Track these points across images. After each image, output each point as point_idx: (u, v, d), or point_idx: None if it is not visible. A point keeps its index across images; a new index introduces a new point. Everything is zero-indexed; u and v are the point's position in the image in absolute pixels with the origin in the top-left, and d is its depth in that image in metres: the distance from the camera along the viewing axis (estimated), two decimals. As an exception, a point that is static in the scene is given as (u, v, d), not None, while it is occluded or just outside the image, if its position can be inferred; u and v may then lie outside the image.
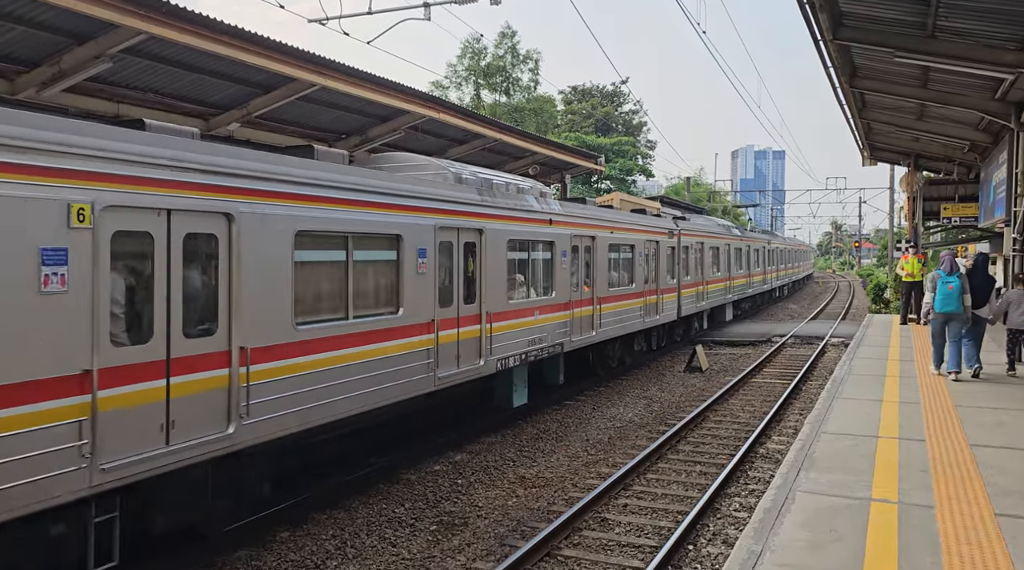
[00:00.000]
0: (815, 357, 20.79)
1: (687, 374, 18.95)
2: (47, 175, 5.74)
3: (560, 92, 64.06)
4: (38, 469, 5.58)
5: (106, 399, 6.05)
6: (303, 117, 14.42)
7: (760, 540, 5.55)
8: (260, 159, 7.72)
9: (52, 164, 5.78)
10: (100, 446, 5.99)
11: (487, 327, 11.57)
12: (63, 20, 9.38)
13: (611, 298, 16.40)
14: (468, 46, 46.96)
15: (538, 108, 48.56)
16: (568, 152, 22.98)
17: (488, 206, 11.94)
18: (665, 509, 9.13)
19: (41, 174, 5.70)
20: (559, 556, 7.75)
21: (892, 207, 42.90)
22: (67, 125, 6.00)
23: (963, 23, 10.48)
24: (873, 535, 5.58)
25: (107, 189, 6.13)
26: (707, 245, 25.17)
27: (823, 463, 7.43)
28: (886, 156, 25.53)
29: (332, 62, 12.13)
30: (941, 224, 25.24)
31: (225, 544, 7.84)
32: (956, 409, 9.76)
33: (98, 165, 6.09)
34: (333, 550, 7.93)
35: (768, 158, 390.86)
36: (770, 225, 71.37)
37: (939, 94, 14.24)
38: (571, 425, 13.47)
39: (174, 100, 12.45)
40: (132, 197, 6.28)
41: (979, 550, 5.31)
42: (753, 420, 13.75)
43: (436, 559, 7.70)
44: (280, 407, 7.68)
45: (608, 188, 50.92)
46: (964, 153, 20.49)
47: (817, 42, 11.63)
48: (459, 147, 18.86)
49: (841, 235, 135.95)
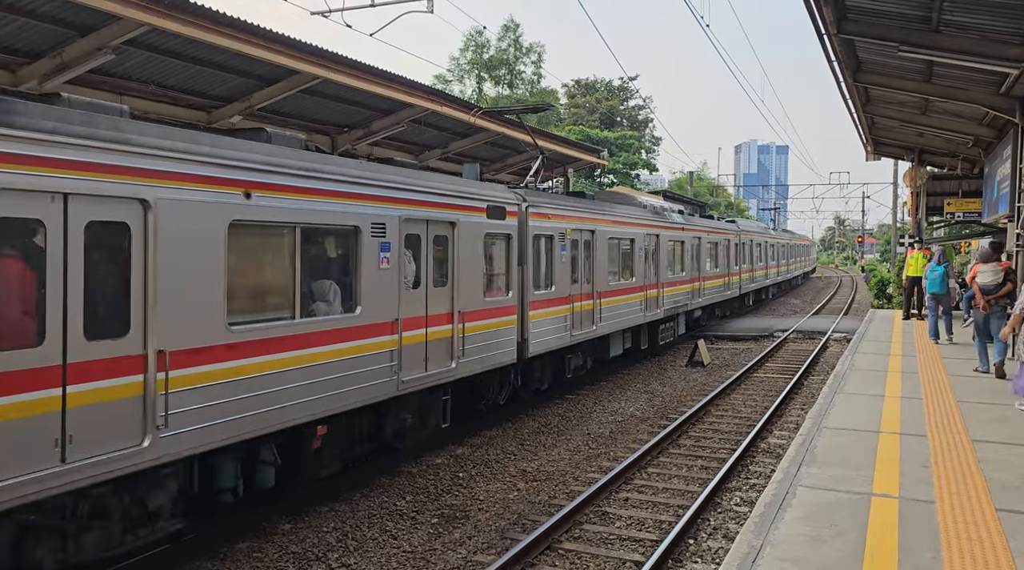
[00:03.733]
0: (817, 352, 20.78)
1: (689, 368, 18.95)
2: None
3: (564, 86, 63.98)
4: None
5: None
6: (305, 110, 14.42)
7: (761, 534, 5.55)
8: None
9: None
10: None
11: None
12: (65, 12, 9.38)
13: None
14: (471, 39, 46.92)
15: (542, 102, 48.47)
16: (572, 146, 22.98)
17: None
18: (666, 503, 9.14)
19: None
20: (560, 549, 7.76)
21: (896, 202, 42.83)
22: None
23: (968, 17, 10.43)
24: (874, 530, 5.58)
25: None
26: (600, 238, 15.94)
27: (824, 458, 7.44)
28: (890, 151, 25.47)
29: (334, 55, 12.12)
30: (944, 219, 25.14)
31: (227, 536, 7.87)
32: (958, 404, 9.75)
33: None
34: (334, 542, 7.95)
35: (771, 153, 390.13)
36: (772, 220, 70.35)
37: (943, 89, 14.17)
38: (572, 419, 13.48)
39: (176, 92, 12.45)
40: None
41: (980, 546, 5.31)
42: (754, 415, 13.75)
43: (437, 552, 7.72)
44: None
45: (611, 182, 50.85)
46: (968, 148, 20.41)
47: (821, 36, 11.58)
48: (462, 140, 18.86)
49: (844, 230, 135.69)
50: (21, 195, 5.46)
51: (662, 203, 21.81)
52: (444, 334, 10.50)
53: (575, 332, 14.52)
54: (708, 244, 24.56)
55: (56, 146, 5.68)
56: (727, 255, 27.44)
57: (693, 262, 22.57)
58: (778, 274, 40.80)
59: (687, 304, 22.01)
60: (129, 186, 6.17)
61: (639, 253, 17.93)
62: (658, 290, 19.20)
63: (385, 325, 9.26)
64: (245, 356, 7.21)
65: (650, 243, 18.77)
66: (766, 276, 36.77)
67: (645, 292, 18.28)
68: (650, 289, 18.65)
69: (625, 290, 17.09)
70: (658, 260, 19.26)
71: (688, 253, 22.07)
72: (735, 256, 28.71)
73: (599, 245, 15.58)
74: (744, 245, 30.51)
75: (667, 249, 20.02)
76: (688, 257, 22.08)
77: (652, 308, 18.82)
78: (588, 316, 15.13)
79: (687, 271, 21.93)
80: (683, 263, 21.62)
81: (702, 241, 23.66)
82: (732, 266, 28.12)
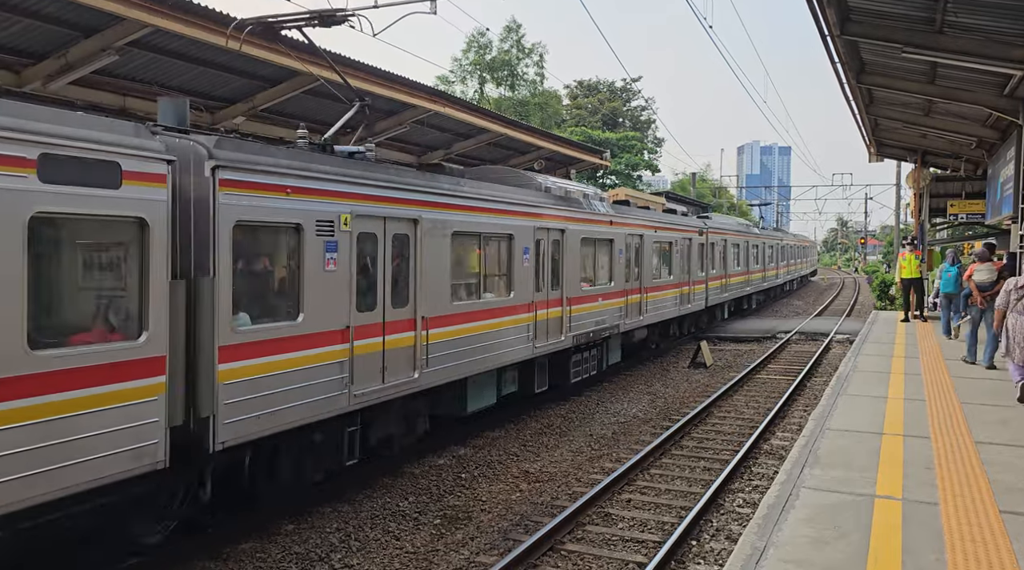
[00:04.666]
0: (820, 353, 20.75)
1: (691, 370, 18.94)
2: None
3: (566, 87, 64.00)
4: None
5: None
6: (308, 111, 14.44)
7: (764, 536, 5.55)
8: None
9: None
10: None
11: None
12: (70, 13, 9.41)
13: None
14: (473, 40, 46.93)
15: (543, 103, 48.49)
16: (573, 147, 22.99)
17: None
18: (668, 504, 9.13)
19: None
20: (562, 551, 7.76)
21: (899, 204, 42.73)
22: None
23: (972, 19, 10.42)
24: (877, 531, 5.58)
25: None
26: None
27: (827, 459, 7.43)
28: (893, 152, 25.43)
29: (337, 56, 12.13)
30: (948, 221, 25.12)
31: (231, 536, 7.87)
32: (961, 406, 9.74)
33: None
34: (337, 543, 7.95)
35: (774, 154, 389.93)
36: (775, 221, 70.04)
37: (947, 90, 14.16)
38: (575, 420, 13.48)
39: (180, 93, 12.47)
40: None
41: (983, 547, 5.30)
42: (757, 416, 13.74)
43: (440, 552, 7.72)
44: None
45: (614, 183, 50.85)
46: (971, 149, 20.39)
47: (824, 37, 11.56)
48: (465, 142, 18.87)
49: (847, 232, 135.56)
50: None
51: (585, 189, 16.12)
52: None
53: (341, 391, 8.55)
54: (655, 244, 19.14)
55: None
56: (686, 258, 21.79)
57: (629, 268, 17.23)
58: (764, 280, 34.70)
59: (619, 324, 16.60)
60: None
61: (522, 257, 12.53)
62: (563, 309, 13.85)
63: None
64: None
65: (545, 242, 13.38)
66: (747, 283, 30.57)
67: (534, 312, 12.83)
68: (541, 308, 13.12)
69: (485, 313, 11.48)
70: (559, 267, 13.87)
71: (617, 256, 16.52)
72: (699, 259, 23.39)
73: (431, 242, 10.11)
74: (714, 245, 25.16)
75: (575, 250, 14.47)
76: (618, 261, 16.53)
77: (553, 334, 13.56)
78: (385, 358, 9.25)
79: (617, 280, 16.46)
80: (611, 269, 16.24)
81: (645, 240, 18.29)
82: (696, 272, 22.92)
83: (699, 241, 23.40)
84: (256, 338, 7.40)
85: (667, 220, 20.83)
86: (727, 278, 27.02)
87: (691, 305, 22.49)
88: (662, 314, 19.83)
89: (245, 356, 7.26)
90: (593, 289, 15.34)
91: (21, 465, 5.44)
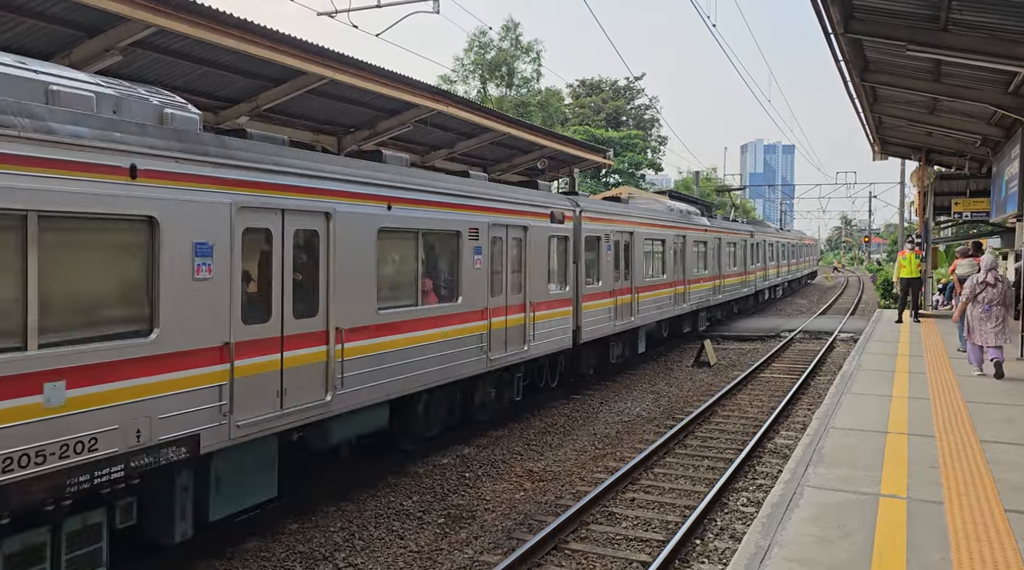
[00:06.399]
0: (824, 352, 20.73)
1: (695, 369, 18.93)
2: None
3: (568, 86, 63.96)
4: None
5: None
6: (312, 111, 14.44)
7: (768, 535, 5.54)
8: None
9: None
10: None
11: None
12: (74, 13, 9.42)
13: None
14: (475, 39, 46.94)
15: (544, 102, 48.48)
16: (577, 146, 22.94)
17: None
18: (672, 503, 9.13)
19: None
20: (566, 550, 7.76)
21: (903, 202, 42.61)
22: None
23: (976, 16, 10.38)
24: (882, 530, 5.57)
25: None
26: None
27: (832, 458, 7.41)
28: (897, 151, 25.35)
29: (341, 55, 12.14)
30: (952, 219, 25.03)
31: (236, 536, 7.88)
32: (966, 405, 9.71)
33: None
34: (341, 542, 7.97)
35: (778, 152, 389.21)
36: (779, 220, 69.78)
37: (951, 88, 14.11)
38: (578, 419, 13.47)
39: (184, 93, 12.48)
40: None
41: (989, 546, 5.28)
42: (761, 415, 13.72)
43: (444, 552, 7.73)
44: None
45: (617, 182, 50.82)
46: (976, 148, 20.31)
47: (828, 36, 11.53)
48: (468, 141, 18.85)
49: (851, 230, 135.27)
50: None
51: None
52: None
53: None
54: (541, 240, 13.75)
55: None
56: (620, 258, 16.84)
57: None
58: (744, 285, 30.03)
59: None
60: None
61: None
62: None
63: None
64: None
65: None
66: (714, 290, 24.86)
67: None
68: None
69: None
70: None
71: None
72: (675, 261, 20.12)
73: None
74: (677, 245, 20.62)
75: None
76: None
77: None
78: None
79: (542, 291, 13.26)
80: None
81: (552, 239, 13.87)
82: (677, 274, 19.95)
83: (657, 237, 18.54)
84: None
85: (617, 211, 17.14)
86: (688, 285, 21.08)
87: (672, 310, 19.44)
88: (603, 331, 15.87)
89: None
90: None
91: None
